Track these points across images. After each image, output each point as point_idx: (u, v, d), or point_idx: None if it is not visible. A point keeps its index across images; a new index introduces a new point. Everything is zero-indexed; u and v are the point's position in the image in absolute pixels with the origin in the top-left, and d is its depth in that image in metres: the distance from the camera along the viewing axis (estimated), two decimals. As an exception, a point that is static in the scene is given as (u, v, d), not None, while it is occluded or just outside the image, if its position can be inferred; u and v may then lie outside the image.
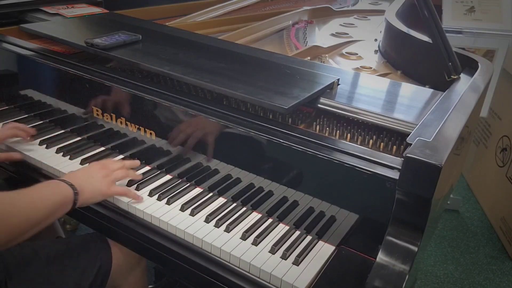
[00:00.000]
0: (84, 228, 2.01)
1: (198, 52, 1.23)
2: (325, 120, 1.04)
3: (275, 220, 0.99)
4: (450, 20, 1.99)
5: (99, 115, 1.18)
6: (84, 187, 0.93)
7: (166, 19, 1.71)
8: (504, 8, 2.00)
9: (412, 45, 1.42)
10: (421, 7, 1.07)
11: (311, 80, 1.08)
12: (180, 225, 0.95)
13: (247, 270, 0.88)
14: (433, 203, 0.79)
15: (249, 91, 0.97)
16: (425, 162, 0.75)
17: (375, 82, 1.20)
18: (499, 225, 2.21)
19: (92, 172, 0.98)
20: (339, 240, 0.93)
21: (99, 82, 1.14)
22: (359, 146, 0.90)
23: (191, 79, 1.04)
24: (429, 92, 1.13)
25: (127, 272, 1.12)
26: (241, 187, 1.02)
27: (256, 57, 1.24)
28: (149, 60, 1.14)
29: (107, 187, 0.97)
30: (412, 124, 0.92)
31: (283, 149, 0.92)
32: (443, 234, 2.21)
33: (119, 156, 1.19)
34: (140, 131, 1.12)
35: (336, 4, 2.36)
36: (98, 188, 0.96)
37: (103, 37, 1.23)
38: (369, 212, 0.88)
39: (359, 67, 1.45)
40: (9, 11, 1.49)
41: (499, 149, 2.29)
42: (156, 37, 1.35)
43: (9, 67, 1.35)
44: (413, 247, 0.80)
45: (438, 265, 2.01)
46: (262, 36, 1.72)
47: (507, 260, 2.07)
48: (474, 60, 1.28)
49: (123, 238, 1.02)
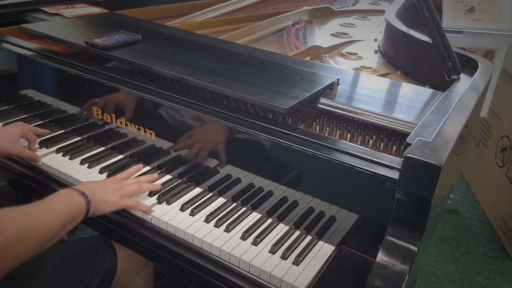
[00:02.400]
0: (84, 228, 2.01)
1: (198, 52, 1.23)
2: (325, 120, 1.04)
3: (275, 220, 0.99)
4: (450, 20, 1.99)
5: (99, 115, 1.18)
6: (96, 196, 0.93)
7: (166, 19, 1.71)
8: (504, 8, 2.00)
9: (412, 45, 1.42)
10: (421, 7, 1.07)
11: (311, 80, 1.08)
12: (180, 225, 0.95)
13: (247, 270, 0.88)
14: (433, 203, 0.79)
15: (249, 91, 0.97)
16: (425, 162, 0.75)
17: (375, 82, 1.20)
18: (499, 225, 2.21)
19: (106, 185, 0.99)
20: (339, 240, 0.93)
21: (99, 82, 1.14)
22: (359, 146, 0.90)
23: (191, 79, 1.04)
24: (429, 92, 1.13)
25: (133, 275, 1.12)
26: (241, 187, 1.02)
27: (256, 57, 1.24)
28: (149, 60, 1.14)
29: (119, 198, 0.97)
30: (412, 124, 0.92)
31: (283, 149, 0.92)
32: (443, 234, 2.20)
33: (119, 156, 1.19)
34: (140, 131, 1.12)
35: (336, 4, 2.36)
36: (110, 199, 0.96)
37: (103, 37, 1.23)
38: (369, 212, 0.88)
39: (359, 67, 1.45)
40: (9, 11, 1.49)
41: (499, 149, 2.29)
42: (156, 37, 1.35)
43: (9, 67, 1.35)
44: (413, 247, 0.80)
45: (438, 265, 2.01)
46: (262, 36, 1.72)
47: (507, 260, 2.07)
48: (474, 60, 1.28)
49: (122, 238, 1.02)
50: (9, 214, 0.77)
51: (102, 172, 1.11)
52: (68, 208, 0.87)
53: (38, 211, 0.82)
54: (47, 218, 0.82)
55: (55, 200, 0.87)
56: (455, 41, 1.91)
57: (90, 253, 1.03)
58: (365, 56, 1.58)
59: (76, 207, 0.88)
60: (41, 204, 0.84)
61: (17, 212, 0.79)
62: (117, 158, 1.18)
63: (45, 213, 0.83)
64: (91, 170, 1.12)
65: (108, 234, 1.06)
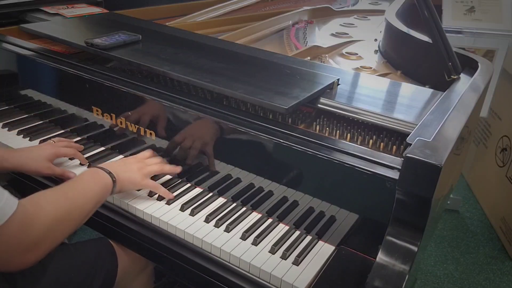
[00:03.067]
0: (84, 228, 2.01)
1: (198, 52, 1.23)
2: (325, 120, 1.04)
3: (275, 220, 0.99)
4: (450, 20, 1.99)
5: (99, 115, 1.18)
6: (121, 175, 0.97)
7: (166, 19, 1.72)
8: (504, 8, 2.00)
9: (412, 45, 1.42)
10: (421, 7, 1.07)
11: (311, 80, 1.08)
12: (180, 225, 0.95)
13: (247, 270, 0.88)
14: (433, 203, 0.79)
15: (249, 91, 0.97)
16: (425, 162, 0.75)
17: (375, 82, 1.20)
18: (499, 225, 2.21)
19: (128, 164, 1.02)
20: (339, 240, 0.93)
21: (99, 82, 1.14)
22: (359, 146, 0.90)
23: (191, 79, 1.04)
24: (429, 92, 1.13)
25: (133, 277, 1.12)
26: (241, 187, 1.02)
27: (256, 57, 1.24)
28: (149, 60, 1.14)
29: (141, 178, 1.00)
30: (412, 124, 0.92)
31: (283, 149, 0.92)
32: (443, 234, 2.20)
33: (119, 156, 1.19)
34: (140, 131, 1.12)
35: (336, 4, 2.36)
36: (133, 178, 0.99)
37: (103, 37, 1.23)
38: (369, 212, 0.88)
39: (359, 67, 1.45)
40: (9, 11, 1.50)
41: (499, 149, 2.29)
42: (156, 37, 1.35)
43: (9, 67, 1.35)
44: (413, 247, 0.80)
45: (438, 265, 2.00)
46: (262, 36, 1.72)
47: (507, 260, 2.07)
48: (474, 60, 1.28)
49: (123, 238, 1.02)
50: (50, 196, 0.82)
51: (102, 172, 1.11)
52: (99, 187, 0.92)
53: (73, 190, 0.87)
54: (82, 196, 0.88)
55: (86, 180, 0.92)
56: (455, 41, 1.91)
57: (91, 257, 1.03)
58: (365, 56, 1.58)
59: (103, 185, 0.93)
60: (74, 185, 0.90)
61: (55, 194, 0.84)
62: (117, 158, 1.18)
63: (80, 192, 0.88)
64: (91, 170, 1.12)
65: (108, 234, 1.06)
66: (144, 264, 1.13)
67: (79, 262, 1.01)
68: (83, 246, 1.06)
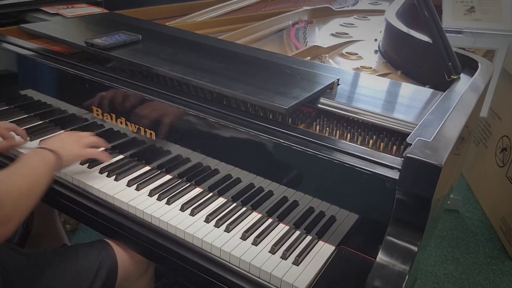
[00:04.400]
0: (84, 228, 2.01)
1: (198, 52, 1.23)
2: (325, 120, 1.04)
3: (275, 220, 0.99)
4: (450, 20, 1.99)
5: (99, 115, 1.18)
6: (61, 150, 1.02)
7: (166, 19, 1.71)
8: (504, 8, 2.00)
9: (412, 45, 1.42)
10: (421, 7, 1.07)
11: (311, 80, 1.08)
12: (180, 225, 0.95)
13: (247, 270, 0.88)
14: (433, 203, 0.79)
15: (249, 91, 0.97)
16: (425, 162, 0.75)
17: (375, 82, 1.20)
18: (499, 225, 2.21)
19: (63, 139, 1.08)
20: (339, 240, 0.93)
21: (99, 82, 1.14)
22: (359, 146, 0.90)
23: (191, 79, 1.04)
24: (429, 92, 1.13)
25: (134, 279, 1.11)
26: (241, 187, 1.02)
27: (256, 57, 1.24)
28: (149, 60, 1.14)
29: (79, 148, 1.07)
30: (412, 124, 0.92)
31: (283, 149, 0.92)
32: (443, 234, 2.21)
33: (119, 156, 1.19)
34: (140, 131, 1.12)
35: (336, 4, 2.36)
36: (72, 150, 1.05)
37: (103, 37, 1.23)
38: (369, 212, 0.88)
39: (359, 67, 1.45)
40: (9, 11, 1.50)
41: (499, 149, 2.29)
42: (156, 37, 1.35)
43: (9, 67, 1.35)
44: (413, 247, 0.80)
45: (438, 265, 2.01)
46: (262, 36, 1.72)
47: (507, 260, 2.07)
48: (474, 60, 1.28)
49: (123, 238, 1.02)
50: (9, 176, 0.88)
51: (102, 172, 1.11)
52: (43, 165, 0.97)
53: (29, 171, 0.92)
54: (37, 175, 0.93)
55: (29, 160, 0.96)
56: (455, 41, 1.91)
57: (91, 260, 1.02)
58: (365, 56, 1.58)
59: (48, 163, 0.98)
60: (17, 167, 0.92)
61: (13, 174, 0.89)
62: (117, 158, 1.18)
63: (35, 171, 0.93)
64: (91, 170, 1.12)
65: (108, 234, 1.06)
66: (145, 267, 1.13)
67: (79, 265, 1.01)
68: (83, 248, 1.05)
